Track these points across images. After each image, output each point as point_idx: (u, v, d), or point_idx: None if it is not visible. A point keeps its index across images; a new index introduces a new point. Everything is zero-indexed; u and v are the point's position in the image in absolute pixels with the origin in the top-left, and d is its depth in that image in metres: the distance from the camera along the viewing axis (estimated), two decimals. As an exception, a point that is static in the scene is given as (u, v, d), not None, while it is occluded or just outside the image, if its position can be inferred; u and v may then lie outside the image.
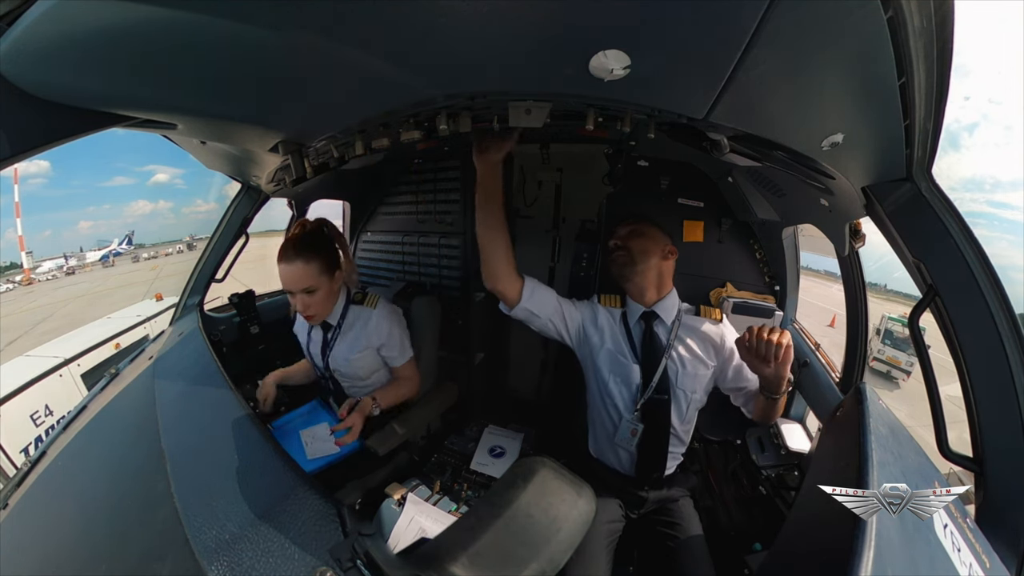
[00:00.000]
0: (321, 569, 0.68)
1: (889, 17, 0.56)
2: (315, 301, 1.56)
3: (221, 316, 2.29)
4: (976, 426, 0.91)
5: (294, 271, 1.50)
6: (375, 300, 1.73)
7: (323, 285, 1.55)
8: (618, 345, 1.50)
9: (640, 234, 1.51)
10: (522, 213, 2.81)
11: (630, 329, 1.51)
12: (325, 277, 1.55)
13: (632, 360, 1.47)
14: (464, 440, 2.03)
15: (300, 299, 1.55)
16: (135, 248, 56.92)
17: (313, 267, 1.52)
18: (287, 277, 1.51)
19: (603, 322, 1.54)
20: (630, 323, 1.51)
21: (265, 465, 0.99)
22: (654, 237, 1.51)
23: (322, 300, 1.58)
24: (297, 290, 1.53)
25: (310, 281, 1.52)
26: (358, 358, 1.72)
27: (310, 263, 1.51)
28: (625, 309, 1.54)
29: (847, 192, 1.10)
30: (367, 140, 1.20)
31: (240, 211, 2.11)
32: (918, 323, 1.05)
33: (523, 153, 2.62)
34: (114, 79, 0.78)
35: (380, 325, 1.69)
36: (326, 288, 1.57)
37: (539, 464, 1.05)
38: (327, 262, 1.56)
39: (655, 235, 1.52)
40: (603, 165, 2.31)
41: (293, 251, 1.51)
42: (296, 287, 1.52)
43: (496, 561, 0.54)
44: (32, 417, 4.40)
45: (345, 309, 1.71)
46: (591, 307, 1.57)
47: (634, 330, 1.51)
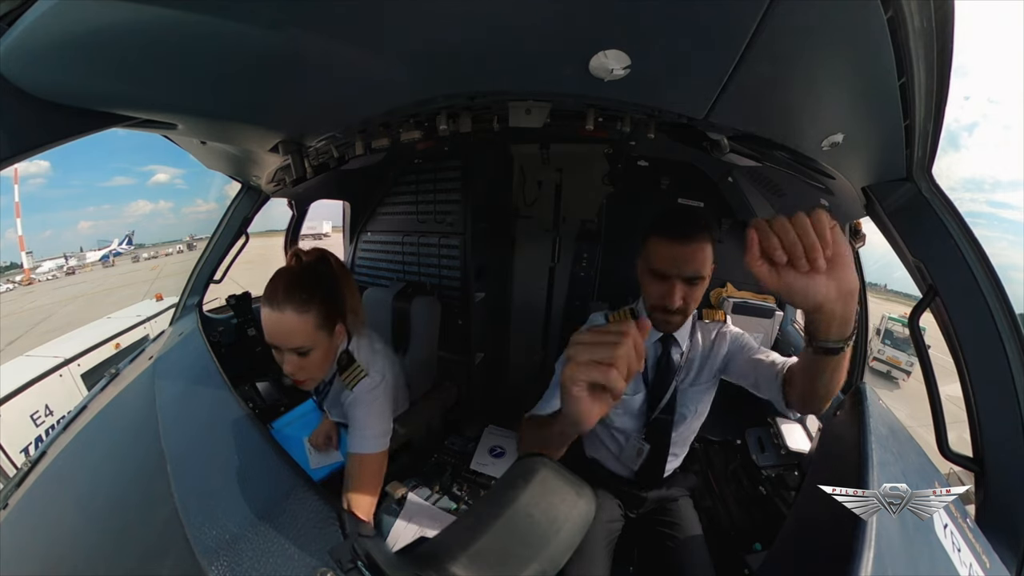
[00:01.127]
0: (322, 570, 0.67)
1: (889, 17, 0.56)
2: (309, 364, 1.17)
3: (219, 317, 2.29)
4: (976, 426, 0.91)
5: (282, 323, 1.11)
6: (356, 379, 1.26)
7: (320, 344, 1.17)
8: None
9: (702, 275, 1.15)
10: (522, 213, 2.81)
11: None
12: (323, 333, 1.17)
13: (639, 385, 1.36)
14: (464, 440, 2.03)
15: (288, 360, 1.16)
16: (135, 248, 56.92)
17: (309, 320, 1.13)
18: (273, 329, 1.13)
19: None
20: (645, 344, 1.38)
21: (265, 465, 0.99)
22: (709, 260, 1.16)
23: (318, 362, 1.20)
24: (285, 348, 1.15)
25: (303, 339, 1.13)
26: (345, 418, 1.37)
27: (304, 314, 1.12)
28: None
29: (847, 192, 1.10)
30: (367, 140, 1.20)
31: (240, 211, 2.11)
32: (918, 323, 1.05)
33: (523, 153, 2.62)
34: (114, 79, 0.78)
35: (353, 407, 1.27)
36: (324, 347, 1.19)
37: (539, 464, 1.04)
38: (327, 311, 1.17)
39: (710, 255, 1.16)
40: (603, 165, 2.31)
41: (284, 295, 1.11)
42: (284, 344, 1.14)
43: (496, 561, 0.54)
44: (32, 417, 4.40)
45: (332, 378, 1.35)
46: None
47: (648, 351, 1.32)
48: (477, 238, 2.38)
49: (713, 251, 1.17)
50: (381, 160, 2.27)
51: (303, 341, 1.14)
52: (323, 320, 1.16)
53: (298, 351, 1.15)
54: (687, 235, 1.13)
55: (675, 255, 1.13)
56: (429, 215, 2.50)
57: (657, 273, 1.17)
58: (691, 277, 1.15)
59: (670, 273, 1.15)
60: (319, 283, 1.19)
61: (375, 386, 1.28)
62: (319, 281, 1.20)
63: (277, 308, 1.11)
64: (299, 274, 1.19)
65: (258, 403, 2.10)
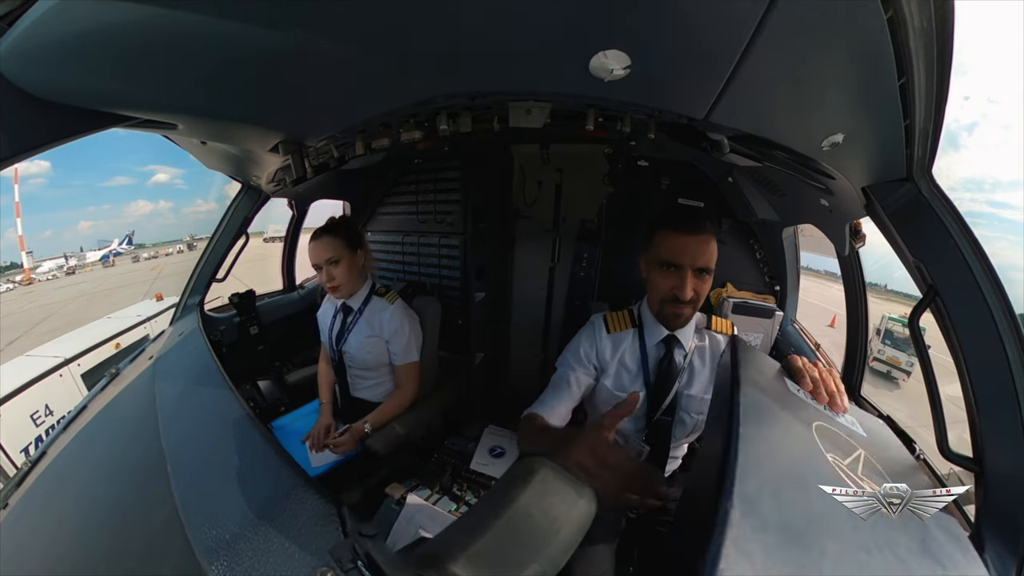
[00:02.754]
0: (322, 570, 0.67)
1: (889, 17, 0.56)
2: (339, 272, 1.72)
3: (221, 316, 2.29)
4: (976, 426, 0.91)
5: (320, 245, 1.70)
6: (394, 297, 1.87)
7: (345, 257, 1.73)
8: (623, 374, 1.35)
9: (710, 268, 1.18)
10: (522, 213, 2.81)
11: (645, 351, 1.33)
12: (347, 251, 1.73)
13: (640, 382, 1.34)
14: (464, 440, 2.03)
15: (326, 271, 1.72)
16: (135, 248, 56.91)
17: (337, 241, 1.71)
18: (315, 252, 1.71)
19: (606, 356, 1.36)
20: (647, 344, 1.34)
21: (265, 465, 0.99)
22: (715, 255, 1.19)
23: (345, 272, 1.74)
24: (323, 261, 1.70)
25: (333, 251, 1.70)
26: (368, 343, 1.81)
27: (335, 238, 1.71)
28: (639, 329, 1.35)
29: (847, 192, 1.10)
30: (367, 140, 1.20)
31: (240, 211, 2.12)
32: (918, 323, 1.05)
33: (523, 153, 2.62)
34: (115, 79, 0.78)
35: (392, 319, 1.80)
36: (348, 260, 1.74)
37: (539, 464, 1.04)
38: (349, 240, 1.75)
39: (716, 250, 1.19)
40: (603, 165, 2.31)
41: (322, 231, 1.73)
42: (322, 258, 1.70)
43: (496, 561, 0.54)
44: (32, 417, 4.40)
45: (368, 297, 1.85)
46: (590, 339, 1.38)
47: (650, 352, 1.34)
48: (477, 238, 2.38)
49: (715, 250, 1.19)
50: (381, 160, 2.27)
51: (333, 253, 1.71)
52: (347, 244, 1.74)
53: (331, 261, 1.71)
54: (697, 227, 1.16)
55: (686, 245, 1.15)
56: (429, 215, 2.50)
57: (667, 264, 1.18)
58: (701, 268, 1.17)
59: (682, 263, 1.16)
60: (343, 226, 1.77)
61: (411, 311, 1.89)
62: (343, 225, 1.78)
63: (317, 239, 1.72)
64: (331, 222, 1.77)
65: (259, 402, 2.10)
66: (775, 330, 1.92)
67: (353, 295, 1.83)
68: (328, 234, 1.72)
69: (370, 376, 1.87)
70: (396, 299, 1.86)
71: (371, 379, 1.88)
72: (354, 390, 1.90)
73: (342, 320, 1.85)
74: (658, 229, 1.22)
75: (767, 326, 1.91)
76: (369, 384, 1.88)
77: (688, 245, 1.16)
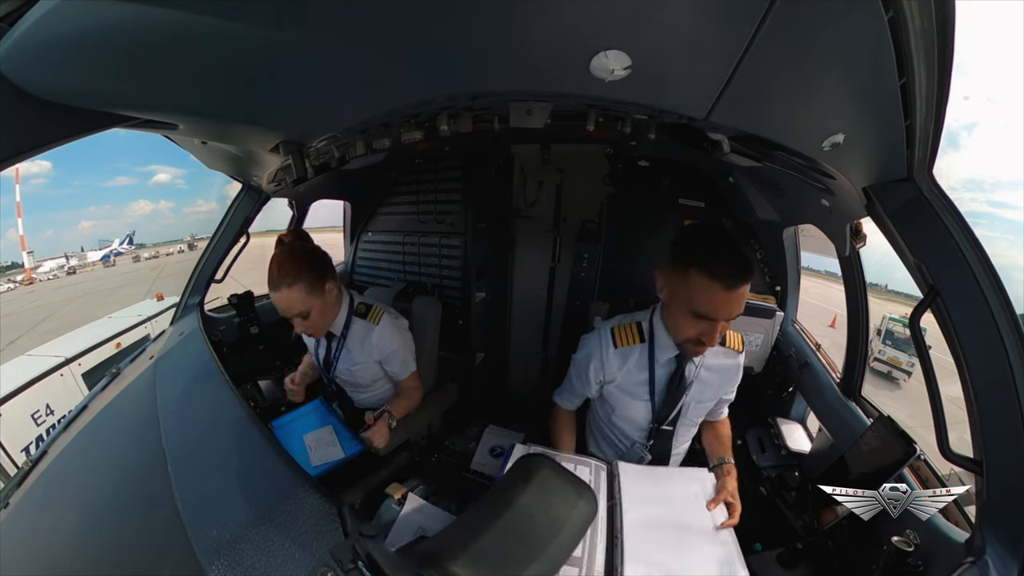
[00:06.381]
0: (322, 570, 0.67)
1: (890, 17, 0.56)
2: (311, 322, 1.56)
3: (221, 316, 2.29)
4: (977, 427, 0.91)
5: (283, 299, 1.48)
6: (378, 315, 1.69)
7: (315, 304, 1.53)
8: (630, 384, 1.35)
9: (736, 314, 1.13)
10: (522, 213, 2.81)
11: (654, 366, 1.31)
12: (315, 297, 1.52)
13: (646, 397, 1.34)
14: (464, 440, 2.02)
15: (296, 323, 1.55)
16: (136, 248, 56.79)
17: (300, 289, 1.48)
18: (279, 304, 1.51)
19: (612, 368, 1.34)
20: (656, 360, 1.31)
21: (266, 465, 0.99)
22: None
23: (318, 318, 1.57)
24: (291, 315, 1.52)
25: (301, 305, 1.50)
26: (359, 368, 1.74)
27: (295, 286, 1.47)
28: (649, 344, 1.31)
29: (848, 192, 1.10)
30: (368, 140, 1.20)
31: (241, 211, 2.11)
32: (919, 323, 1.05)
33: (523, 153, 2.62)
34: (115, 79, 0.78)
35: (381, 342, 1.68)
36: (319, 305, 1.55)
37: (539, 464, 1.04)
38: (313, 280, 1.50)
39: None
40: (604, 165, 2.31)
41: (277, 275, 1.47)
42: (290, 313, 1.52)
43: (497, 561, 0.55)
44: (33, 416, 4.40)
45: (348, 319, 1.69)
46: (598, 358, 1.35)
47: (660, 367, 1.31)
48: (478, 238, 2.38)
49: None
50: (382, 160, 2.27)
51: (301, 307, 1.49)
52: (312, 287, 1.50)
53: (300, 315, 1.51)
54: (742, 280, 1.05)
55: (727, 302, 1.06)
56: (430, 215, 2.50)
57: (701, 315, 1.10)
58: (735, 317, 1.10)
59: (718, 318, 1.09)
60: (301, 259, 1.51)
61: (397, 317, 1.75)
62: (301, 258, 1.51)
63: (275, 288, 1.47)
64: (283, 257, 1.49)
65: (260, 402, 2.10)
66: (775, 330, 1.92)
67: (333, 323, 1.69)
68: (287, 284, 1.45)
69: (368, 389, 1.86)
70: (380, 316, 1.69)
71: (370, 391, 1.86)
72: (356, 403, 1.90)
73: (327, 347, 1.74)
74: (694, 271, 1.07)
75: (767, 326, 1.91)
76: (369, 395, 1.87)
77: (728, 302, 1.05)
